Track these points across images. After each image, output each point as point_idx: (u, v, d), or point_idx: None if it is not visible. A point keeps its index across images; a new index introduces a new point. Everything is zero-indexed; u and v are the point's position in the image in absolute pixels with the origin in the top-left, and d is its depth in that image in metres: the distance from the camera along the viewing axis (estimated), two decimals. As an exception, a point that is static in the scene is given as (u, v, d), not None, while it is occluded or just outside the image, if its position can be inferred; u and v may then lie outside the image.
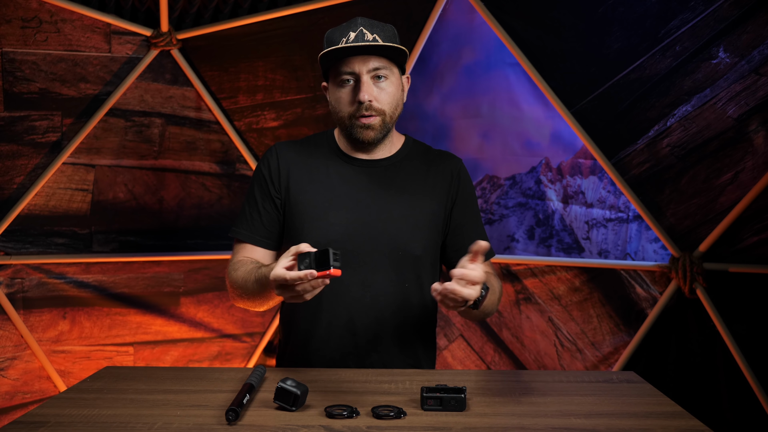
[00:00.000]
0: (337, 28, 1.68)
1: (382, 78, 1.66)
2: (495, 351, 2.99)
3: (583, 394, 1.49)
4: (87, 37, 2.80)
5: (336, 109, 1.70)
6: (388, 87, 1.67)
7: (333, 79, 1.69)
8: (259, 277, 1.58)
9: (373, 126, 1.67)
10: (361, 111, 1.65)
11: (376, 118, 1.66)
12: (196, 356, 3.05)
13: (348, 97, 1.66)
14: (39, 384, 2.82)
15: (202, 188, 3.01)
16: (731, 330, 2.53)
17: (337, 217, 1.70)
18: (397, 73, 1.70)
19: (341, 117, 1.69)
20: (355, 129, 1.68)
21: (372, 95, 1.64)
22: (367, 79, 1.64)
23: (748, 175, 2.46)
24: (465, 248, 1.74)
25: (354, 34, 1.64)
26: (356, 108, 1.65)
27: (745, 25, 2.42)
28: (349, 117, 1.67)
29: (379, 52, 1.64)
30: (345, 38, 1.64)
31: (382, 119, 1.67)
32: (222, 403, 1.38)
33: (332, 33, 1.68)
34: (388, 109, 1.68)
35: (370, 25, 1.66)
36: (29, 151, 2.76)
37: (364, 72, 1.64)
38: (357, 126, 1.67)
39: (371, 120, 1.66)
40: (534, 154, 2.88)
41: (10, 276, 2.75)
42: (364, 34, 1.63)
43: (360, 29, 1.64)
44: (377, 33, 1.65)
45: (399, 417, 1.31)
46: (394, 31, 1.71)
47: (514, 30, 2.78)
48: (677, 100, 2.55)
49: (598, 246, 2.81)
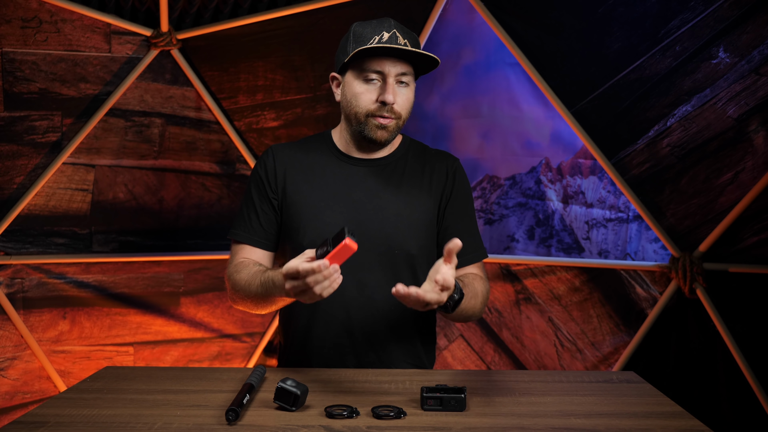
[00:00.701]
0: (368, 23, 1.68)
1: (404, 84, 1.68)
2: (495, 351, 2.99)
3: (583, 394, 1.49)
4: (87, 37, 2.80)
5: (352, 103, 1.69)
6: (408, 93, 1.69)
7: (357, 73, 1.68)
8: (265, 280, 1.58)
9: (389, 128, 1.69)
10: (382, 111, 1.66)
11: (393, 120, 1.68)
12: (196, 356, 3.05)
13: (371, 95, 1.67)
14: (39, 384, 2.82)
15: (202, 188, 3.01)
16: (731, 330, 2.53)
17: (334, 216, 1.71)
18: (414, 81, 1.73)
19: (356, 112, 1.69)
20: (369, 127, 1.69)
21: (396, 98, 1.66)
22: (393, 81, 1.66)
23: (748, 175, 2.46)
24: None
25: (387, 34, 1.64)
26: (377, 107, 1.66)
27: (745, 25, 2.42)
28: (366, 114, 1.68)
29: (409, 57, 1.66)
30: (378, 36, 1.64)
31: (397, 123, 1.69)
32: (222, 403, 1.38)
33: (362, 27, 1.68)
34: (404, 114, 1.70)
35: (401, 29, 1.68)
36: (29, 151, 2.75)
37: (392, 74, 1.65)
38: (372, 124, 1.68)
39: (388, 122, 1.68)
40: (534, 154, 2.88)
41: (10, 276, 2.75)
42: (397, 37, 1.65)
43: (393, 31, 1.65)
44: (408, 39, 1.67)
45: (399, 417, 1.31)
46: (418, 39, 1.72)
47: (514, 30, 2.78)
48: (677, 100, 2.55)
49: (598, 246, 2.81)
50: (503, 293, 2.95)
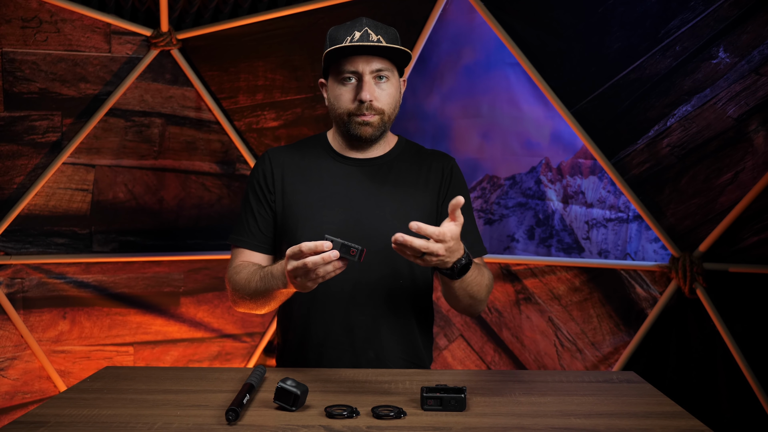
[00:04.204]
0: (342, 26, 1.70)
1: (384, 79, 1.69)
2: (495, 351, 2.99)
3: (583, 394, 1.49)
4: (87, 37, 2.80)
5: (335, 105, 1.72)
6: (389, 88, 1.70)
7: (334, 76, 1.70)
8: (265, 274, 1.60)
9: (372, 123, 1.70)
10: (362, 110, 1.68)
11: (375, 116, 1.69)
12: (196, 356, 3.05)
13: (349, 95, 1.69)
14: (39, 384, 2.82)
15: (202, 188, 3.01)
16: (731, 330, 2.53)
17: (331, 216, 1.72)
18: (396, 75, 1.73)
19: (340, 114, 1.72)
20: (353, 125, 1.70)
21: (373, 95, 1.67)
22: (369, 79, 1.66)
23: (748, 175, 2.46)
24: None
25: (359, 33, 1.65)
26: (356, 106, 1.68)
27: (745, 25, 2.42)
28: (348, 114, 1.70)
29: (383, 53, 1.67)
30: (350, 37, 1.65)
31: (380, 118, 1.70)
32: (222, 403, 1.38)
33: (336, 31, 1.70)
34: (387, 109, 1.71)
35: (374, 26, 1.68)
36: (29, 151, 2.75)
37: (367, 72, 1.66)
38: (355, 122, 1.70)
39: (370, 118, 1.69)
40: (534, 154, 2.88)
41: (10, 276, 2.75)
42: (368, 34, 1.66)
43: (365, 29, 1.66)
44: (381, 34, 1.67)
45: (399, 417, 1.31)
46: (396, 33, 1.73)
47: (514, 30, 2.78)
48: (677, 100, 2.55)
49: (598, 246, 2.81)
50: (503, 293, 2.95)
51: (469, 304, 1.68)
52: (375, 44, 1.63)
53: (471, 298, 1.65)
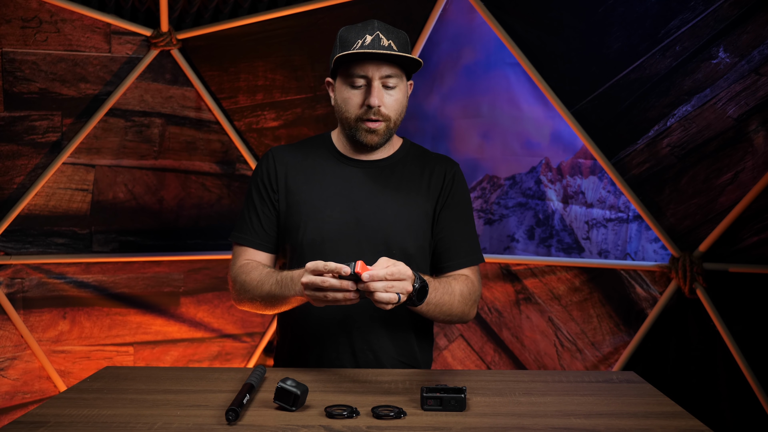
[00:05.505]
0: (352, 27, 1.69)
1: (392, 85, 1.68)
2: (495, 351, 2.99)
3: (583, 394, 1.49)
4: (87, 37, 2.80)
5: (342, 108, 1.72)
6: (397, 94, 1.70)
7: (343, 78, 1.70)
8: (281, 278, 1.60)
9: (378, 131, 1.70)
10: (369, 115, 1.68)
11: (381, 123, 1.69)
12: (196, 356, 3.05)
13: (357, 99, 1.68)
14: (39, 384, 2.82)
15: (202, 188, 3.01)
16: (731, 330, 2.53)
17: (333, 216, 1.72)
18: (405, 80, 1.73)
19: (347, 117, 1.71)
20: (359, 132, 1.71)
21: (381, 101, 1.67)
22: (378, 84, 1.66)
23: (748, 175, 2.46)
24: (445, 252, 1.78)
25: (370, 37, 1.65)
26: (364, 111, 1.68)
27: (745, 25, 2.42)
28: (355, 119, 1.70)
29: (394, 60, 1.66)
30: (361, 40, 1.65)
31: (387, 125, 1.71)
32: (222, 403, 1.39)
33: (347, 32, 1.69)
34: (393, 116, 1.71)
35: (386, 29, 1.67)
36: (29, 151, 2.76)
37: (377, 77, 1.66)
38: (362, 129, 1.70)
39: (377, 125, 1.69)
40: (534, 154, 2.88)
41: (10, 276, 2.75)
42: (380, 38, 1.65)
43: (377, 33, 1.65)
44: (392, 39, 1.67)
45: (399, 417, 1.31)
46: (407, 38, 1.72)
47: (514, 30, 2.78)
48: (677, 100, 2.55)
49: (598, 246, 2.81)
50: (503, 293, 2.95)
51: (447, 320, 1.70)
52: (387, 52, 1.62)
53: (447, 315, 1.67)
